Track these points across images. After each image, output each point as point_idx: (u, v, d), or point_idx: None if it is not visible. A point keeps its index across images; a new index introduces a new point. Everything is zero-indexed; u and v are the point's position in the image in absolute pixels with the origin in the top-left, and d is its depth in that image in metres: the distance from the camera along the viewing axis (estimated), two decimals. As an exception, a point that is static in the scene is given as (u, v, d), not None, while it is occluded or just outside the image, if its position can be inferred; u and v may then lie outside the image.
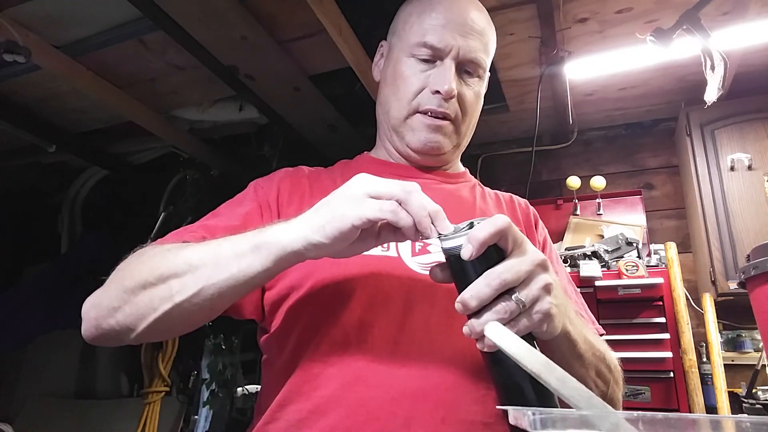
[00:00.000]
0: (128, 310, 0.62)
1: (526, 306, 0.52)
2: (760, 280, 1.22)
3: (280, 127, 2.55)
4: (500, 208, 0.91)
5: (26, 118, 2.45)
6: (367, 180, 0.57)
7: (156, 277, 0.61)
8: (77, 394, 2.80)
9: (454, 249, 0.54)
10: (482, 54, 0.84)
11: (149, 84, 2.22)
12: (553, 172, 2.78)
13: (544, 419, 0.41)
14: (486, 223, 0.52)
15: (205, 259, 0.59)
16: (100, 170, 3.08)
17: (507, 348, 0.49)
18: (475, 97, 0.86)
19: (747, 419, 0.37)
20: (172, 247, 0.65)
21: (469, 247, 0.51)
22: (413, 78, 0.82)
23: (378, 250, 0.72)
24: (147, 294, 0.61)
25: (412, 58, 0.83)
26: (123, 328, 0.63)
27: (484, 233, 0.51)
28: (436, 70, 0.81)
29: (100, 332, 0.65)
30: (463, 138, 0.89)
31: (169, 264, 0.61)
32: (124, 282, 0.64)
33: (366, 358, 0.65)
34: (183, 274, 0.60)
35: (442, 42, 0.80)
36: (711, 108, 1.63)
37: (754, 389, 1.95)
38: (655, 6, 1.78)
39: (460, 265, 0.54)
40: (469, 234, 0.52)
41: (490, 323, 0.51)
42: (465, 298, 0.51)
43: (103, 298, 0.65)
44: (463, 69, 0.83)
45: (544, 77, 2.15)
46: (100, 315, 0.64)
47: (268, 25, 1.83)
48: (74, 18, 1.80)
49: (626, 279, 2.02)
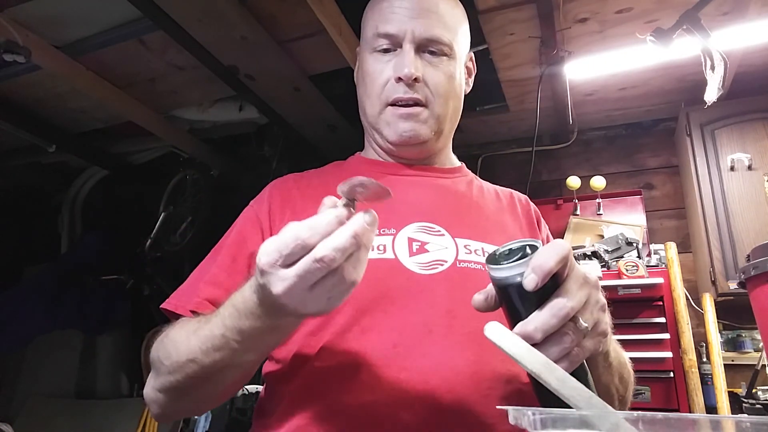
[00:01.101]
0: (188, 401, 0.67)
1: (589, 331, 0.50)
2: (760, 280, 1.22)
3: (280, 127, 2.55)
4: (500, 203, 0.89)
5: (26, 118, 2.45)
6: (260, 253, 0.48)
7: (203, 377, 0.61)
8: (77, 394, 2.80)
9: (510, 279, 0.50)
10: (441, 30, 0.80)
11: (149, 84, 2.22)
12: (553, 172, 2.78)
13: (544, 419, 0.41)
14: (550, 250, 0.49)
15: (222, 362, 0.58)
16: (100, 170, 3.09)
17: (507, 348, 0.49)
18: (446, 78, 0.81)
19: (747, 419, 0.37)
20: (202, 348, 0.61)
21: (534, 278, 0.48)
22: (377, 72, 0.81)
23: (375, 253, 0.71)
24: (201, 390, 0.63)
25: (374, 53, 0.82)
26: (194, 409, 0.72)
27: (552, 263, 0.48)
28: (396, 57, 0.80)
29: (175, 416, 0.71)
30: (444, 123, 0.84)
31: (206, 367, 0.60)
32: (173, 381, 0.64)
33: (367, 363, 0.64)
34: (220, 372, 0.60)
35: (395, 27, 0.79)
36: (711, 108, 1.63)
37: (754, 389, 1.94)
38: (655, 6, 1.78)
39: (517, 295, 0.50)
40: (534, 264, 0.48)
41: (490, 323, 0.51)
42: (529, 331, 0.48)
43: (160, 395, 0.67)
44: (425, 50, 0.80)
45: (544, 77, 2.15)
46: (166, 408, 0.68)
47: (268, 25, 1.83)
48: (74, 18, 1.80)
49: (626, 279, 2.03)
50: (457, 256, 0.73)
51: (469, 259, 0.73)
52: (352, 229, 0.46)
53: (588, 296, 0.51)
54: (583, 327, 0.49)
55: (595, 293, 0.52)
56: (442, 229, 0.76)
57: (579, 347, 0.50)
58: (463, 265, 0.72)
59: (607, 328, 0.53)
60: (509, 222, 0.85)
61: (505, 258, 0.52)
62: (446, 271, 0.71)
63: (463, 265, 0.72)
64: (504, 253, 0.53)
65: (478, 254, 0.75)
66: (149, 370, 0.70)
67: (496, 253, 0.53)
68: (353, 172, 0.87)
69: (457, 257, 0.73)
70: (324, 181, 0.86)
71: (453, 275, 0.71)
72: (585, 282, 0.51)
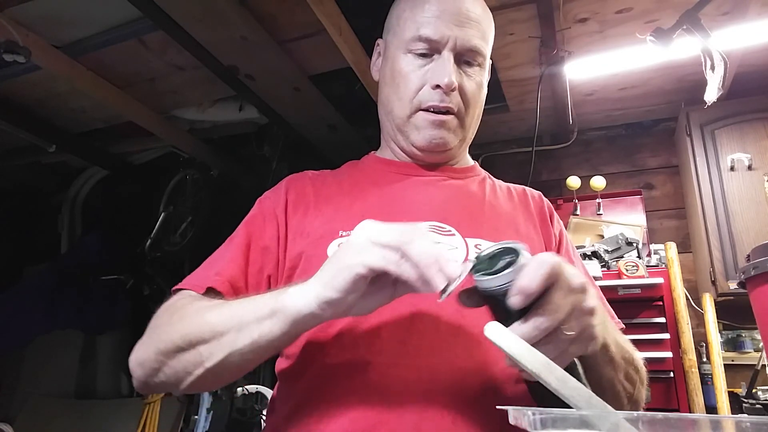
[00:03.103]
0: (168, 372, 0.64)
1: (574, 337, 0.51)
2: (760, 280, 1.22)
3: (280, 127, 2.55)
4: (512, 201, 0.88)
5: (26, 118, 2.45)
6: (370, 227, 0.54)
7: (186, 342, 0.62)
8: (77, 394, 2.80)
9: (495, 290, 0.50)
10: (480, 41, 0.80)
11: (149, 84, 2.22)
12: (553, 172, 2.78)
13: (544, 419, 0.41)
14: (537, 269, 0.48)
15: (229, 325, 0.60)
16: (100, 170, 3.09)
17: (507, 348, 0.49)
18: (478, 88, 0.83)
19: (747, 419, 0.37)
20: (199, 309, 0.66)
21: (519, 299, 0.48)
22: (412, 74, 0.80)
23: None
24: (181, 359, 0.63)
25: (409, 54, 0.81)
26: (168, 385, 0.66)
27: (536, 284, 0.48)
28: (435, 63, 0.79)
29: (150, 387, 0.69)
30: (468, 131, 0.86)
31: (196, 330, 0.63)
32: (159, 344, 0.65)
33: (375, 362, 0.64)
34: (210, 341, 0.61)
35: (438, 33, 0.78)
36: (711, 108, 1.63)
37: (754, 389, 1.94)
38: (655, 6, 1.78)
39: (501, 304, 0.50)
40: (520, 285, 0.48)
41: (490, 323, 0.51)
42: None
43: (144, 359, 0.67)
44: (462, 59, 0.80)
45: (544, 77, 2.15)
46: (146, 374, 0.67)
47: (268, 25, 1.83)
48: (74, 18, 1.80)
49: (626, 279, 2.02)
50: (467, 256, 0.73)
51: None
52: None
53: (574, 304, 0.50)
54: (567, 335, 0.50)
55: (582, 299, 0.51)
56: (452, 228, 0.76)
57: (563, 353, 0.50)
58: None
59: (594, 331, 0.53)
60: (522, 220, 0.84)
61: (489, 263, 0.52)
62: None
63: None
64: (486, 257, 0.53)
65: None
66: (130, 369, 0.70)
67: (479, 258, 0.53)
68: (368, 173, 0.88)
69: (467, 257, 0.73)
70: (339, 181, 0.85)
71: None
72: (570, 291, 0.51)
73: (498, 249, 0.53)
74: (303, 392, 0.66)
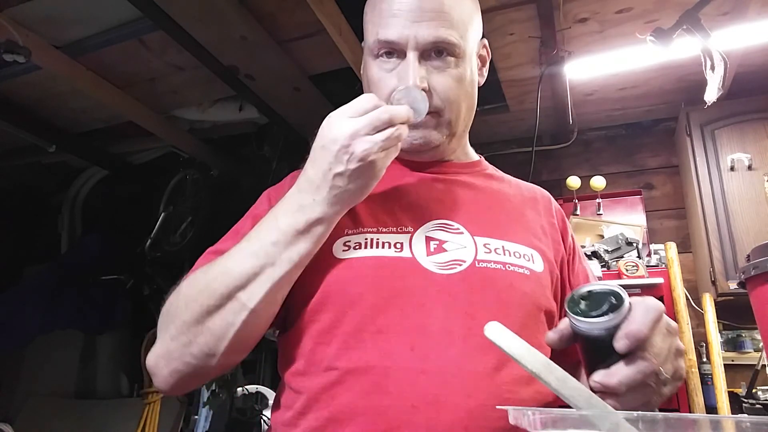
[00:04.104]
0: (203, 339, 0.63)
1: (669, 379, 0.52)
2: (760, 280, 1.22)
3: (280, 127, 2.55)
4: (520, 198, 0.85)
5: (26, 118, 2.45)
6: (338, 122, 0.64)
7: (218, 297, 0.63)
8: (77, 394, 2.80)
9: (595, 332, 0.50)
10: (447, 30, 0.73)
11: (149, 84, 2.22)
12: (553, 172, 2.78)
13: (543, 419, 0.41)
14: (645, 316, 0.49)
15: (261, 261, 0.63)
16: (100, 170, 3.09)
17: (507, 348, 0.49)
18: (456, 81, 0.76)
19: (747, 419, 0.37)
20: (215, 266, 0.66)
21: (627, 344, 0.48)
22: (382, 81, 0.76)
23: (391, 251, 0.70)
24: (218, 316, 0.63)
25: (377, 59, 0.77)
26: (202, 357, 0.64)
27: (646, 330, 0.49)
28: (401, 66, 0.74)
29: (178, 376, 0.66)
30: (456, 126, 0.80)
31: (225, 280, 0.63)
32: (184, 318, 0.64)
33: (383, 365, 0.62)
34: (247, 284, 0.62)
35: (395, 34, 0.73)
36: (711, 108, 1.63)
37: (754, 389, 1.94)
38: (655, 6, 1.78)
39: (601, 346, 0.51)
40: (628, 331, 0.49)
41: (490, 323, 0.51)
42: (613, 384, 0.49)
43: (168, 345, 0.66)
44: (431, 53, 0.74)
45: (544, 77, 2.15)
46: (173, 358, 0.65)
47: (268, 25, 1.83)
48: (74, 18, 1.80)
49: (626, 279, 2.02)
50: (476, 255, 0.71)
51: (488, 258, 0.71)
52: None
53: (670, 348, 0.52)
54: (664, 377, 0.51)
55: (676, 341, 0.53)
56: (460, 226, 0.74)
57: (658, 395, 0.51)
58: (482, 265, 0.70)
59: (683, 372, 0.55)
60: (530, 217, 0.82)
61: (586, 302, 0.52)
62: (465, 272, 0.69)
63: (482, 265, 0.70)
64: (583, 296, 0.53)
65: (498, 253, 0.73)
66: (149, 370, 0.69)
67: (575, 297, 0.53)
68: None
69: (476, 257, 0.71)
70: None
71: (471, 276, 0.69)
72: (668, 333, 0.52)
73: (597, 290, 0.53)
74: (309, 394, 0.65)
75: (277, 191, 0.82)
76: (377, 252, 0.70)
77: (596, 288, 0.53)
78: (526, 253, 0.75)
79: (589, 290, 0.53)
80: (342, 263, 0.68)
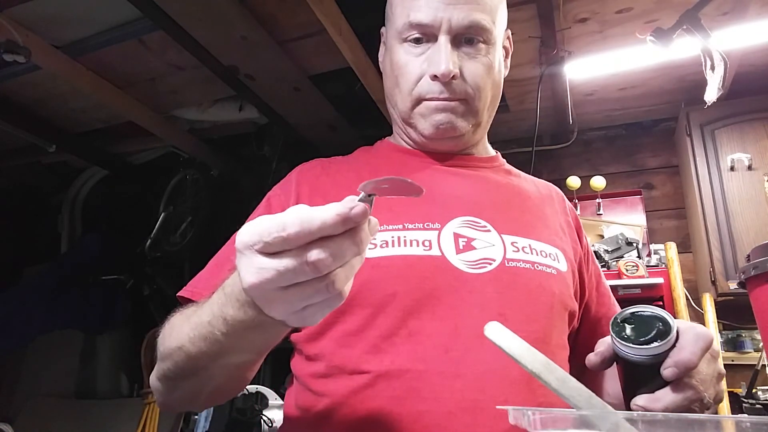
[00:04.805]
0: (180, 394, 0.64)
1: (711, 403, 0.52)
2: (760, 280, 1.22)
3: (280, 127, 2.55)
4: (538, 194, 0.84)
5: (26, 118, 2.45)
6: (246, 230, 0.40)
7: (189, 369, 0.58)
8: (77, 394, 2.79)
9: (641, 358, 0.50)
10: (481, 14, 0.71)
11: (149, 84, 2.22)
12: (553, 172, 2.77)
13: (544, 419, 0.41)
14: (695, 345, 0.49)
15: (208, 356, 0.55)
16: (100, 170, 3.09)
17: (507, 348, 0.49)
18: (486, 68, 0.74)
19: (747, 419, 0.37)
20: (180, 332, 0.59)
21: (676, 372, 0.49)
22: (409, 65, 0.74)
23: (420, 249, 0.66)
24: (188, 383, 0.61)
25: (404, 43, 0.74)
26: (185, 404, 0.68)
27: (696, 360, 0.49)
28: (431, 51, 0.72)
29: (172, 406, 0.69)
30: (482, 116, 0.78)
31: (187, 361, 0.57)
32: (165, 367, 0.61)
33: (417, 369, 0.59)
34: (199, 372, 0.57)
35: (429, 17, 0.70)
36: (711, 108, 1.63)
37: (754, 389, 1.94)
38: (655, 6, 1.78)
39: (646, 371, 0.51)
40: (678, 360, 0.49)
41: (490, 323, 0.51)
42: (657, 409, 0.49)
43: (157, 381, 0.66)
44: (462, 39, 0.72)
45: (544, 77, 2.15)
46: (161, 394, 0.67)
47: (268, 25, 1.83)
48: (74, 18, 1.80)
49: (626, 279, 2.02)
50: (505, 254, 0.69)
51: (517, 257, 0.69)
52: (359, 234, 0.38)
53: (714, 373, 0.52)
54: (707, 402, 0.51)
55: (718, 366, 0.53)
56: (488, 224, 0.72)
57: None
58: (512, 264, 0.69)
59: (723, 396, 0.55)
60: (550, 216, 0.81)
61: (631, 326, 0.52)
62: (495, 271, 0.67)
63: (511, 264, 0.69)
64: (626, 318, 0.52)
65: (526, 252, 0.71)
66: (149, 370, 0.69)
67: (619, 320, 0.52)
68: (387, 161, 0.82)
69: (505, 255, 0.69)
70: (355, 167, 0.81)
71: (502, 275, 0.67)
72: (713, 359, 0.52)
73: (643, 314, 0.52)
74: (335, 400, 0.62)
75: (281, 188, 0.80)
76: (406, 251, 0.67)
77: (641, 311, 0.52)
78: (551, 253, 0.74)
79: (633, 312, 0.52)
80: (369, 262, 0.64)
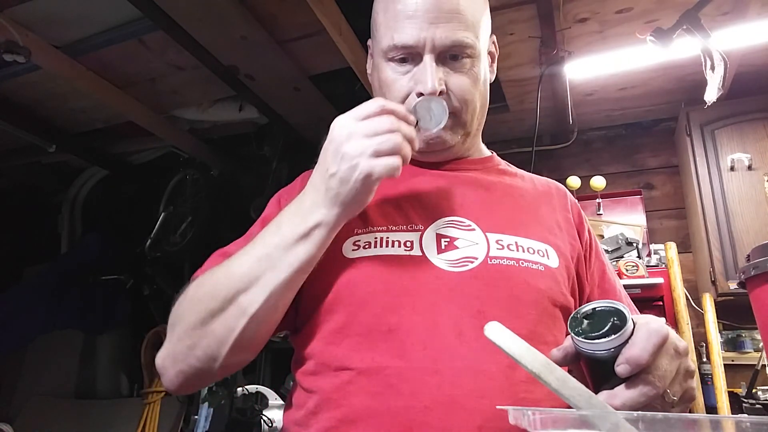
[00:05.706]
0: (206, 342, 0.64)
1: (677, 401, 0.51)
2: (760, 280, 1.22)
3: (280, 127, 2.55)
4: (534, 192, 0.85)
5: (26, 118, 2.45)
6: (340, 124, 0.65)
7: (221, 301, 0.63)
8: (77, 394, 2.80)
9: (597, 353, 0.50)
10: (464, 33, 0.72)
11: (149, 84, 2.22)
12: (553, 172, 2.77)
13: (544, 419, 0.41)
14: (647, 341, 0.49)
15: (263, 265, 0.63)
16: (100, 170, 3.09)
17: (506, 348, 0.49)
18: (472, 81, 0.76)
19: (747, 419, 0.37)
20: (221, 268, 0.67)
21: (628, 368, 0.48)
22: (396, 84, 0.75)
23: (401, 250, 0.69)
24: (219, 319, 0.63)
25: (390, 62, 0.75)
26: (205, 361, 0.65)
27: (647, 356, 0.48)
28: (417, 69, 0.73)
29: (183, 377, 0.67)
30: (471, 126, 0.80)
31: (228, 284, 0.63)
32: (189, 321, 0.65)
33: (396, 365, 0.61)
34: (248, 287, 0.62)
35: (412, 38, 0.71)
36: (711, 108, 1.63)
37: (754, 389, 1.94)
38: (655, 6, 1.78)
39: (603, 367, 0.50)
40: (629, 355, 0.48)
41: (490, 323, 0.50)
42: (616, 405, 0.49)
43: (174, 346, 0.67)
44: (447, 56, 0.73)
45: (544, 77, 2.15)
46: (178, 360, 0.66)
47: (268, 25, 1.83)
48: (74, 18, 1.80)
49: (626, 279, 2.02)
50: (488, 252, 0.70)
51: (501, 255, 0.70)
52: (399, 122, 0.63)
53: (678, 369, 0.51)
54: (671, 399, 0.50)
55: (685, 362, 0.52)
56: (472, 223, 0.73)
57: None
58: (495, 261, 0.69)
59: (694, 393, 0.53)
60: (544, 212, 0.81)
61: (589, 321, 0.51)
62: (476, 269, 0.68)
63: (494, 261, 0.69)
64: (587, 314, 0.52)
65: (511, 250, 0.71)
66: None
67: (578, 315, 0.52)
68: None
69: (488, 254, 0.70)
70: None
71: (484, 273, 0.68)
72: (676, 354, 0.51)
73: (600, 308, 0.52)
74: (322, 394, 0.64)
75: (288, 192, 0.82)
76: (387, 251, 0.69)
77: (600, 306, 0.52)
78: (540, 249, 0.74)
79: (594, 308, 0.52)
80: (352, 263, 0.68)
